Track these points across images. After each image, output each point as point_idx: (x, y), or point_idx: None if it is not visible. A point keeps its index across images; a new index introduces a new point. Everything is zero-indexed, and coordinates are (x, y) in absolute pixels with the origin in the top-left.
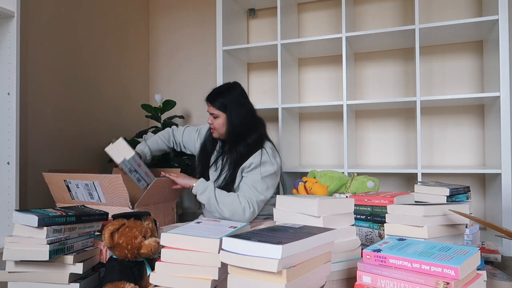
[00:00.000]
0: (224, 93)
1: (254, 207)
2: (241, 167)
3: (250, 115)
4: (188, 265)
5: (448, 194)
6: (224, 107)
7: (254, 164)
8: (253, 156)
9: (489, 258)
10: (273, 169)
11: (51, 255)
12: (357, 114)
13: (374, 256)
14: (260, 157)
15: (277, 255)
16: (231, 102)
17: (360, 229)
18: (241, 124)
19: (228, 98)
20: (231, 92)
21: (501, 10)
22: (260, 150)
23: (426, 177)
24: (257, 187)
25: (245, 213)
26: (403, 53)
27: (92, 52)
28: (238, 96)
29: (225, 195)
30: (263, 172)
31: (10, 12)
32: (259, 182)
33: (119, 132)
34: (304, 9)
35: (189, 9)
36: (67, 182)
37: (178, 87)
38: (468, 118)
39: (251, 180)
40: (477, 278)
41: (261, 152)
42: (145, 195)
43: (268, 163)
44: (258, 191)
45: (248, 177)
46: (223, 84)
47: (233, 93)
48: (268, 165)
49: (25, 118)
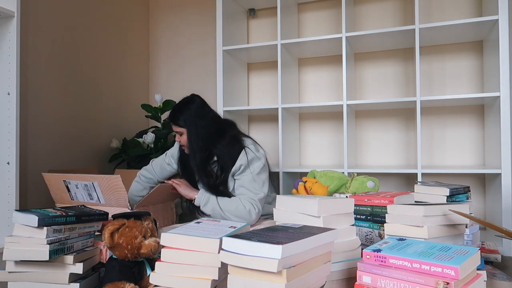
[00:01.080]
0: (182, 109)
1: (258, 207)
2: (231, 172)
3: (212, 124)
4: (188, 265)
5: (448, 194)
6: (183, 123)
7: (243, 165)
8: (239, 159)
9: (489, 258)
10: (261, 164)
11: (51, 255)
12: (357, 114)
13: (374, 256)
14: (246, 156)
15: (277, 255)
16: (189, 116)
17: (360, 229)
18: (206, 134)
19: (186, 113)
20: (189, 107)
21: (501, 10)
22: (243, 150)
23: (426, 177)
24: (254, 187)
25: (251, 215)
26: (403, 53)
27: (92, 52)
28: (196, 109)
29: (228, 202)
30: (254, 170)
31: (10, 12)
32: (254, 182)
33: (119, 132)
34: (304, 9)
35: (189, 9)
36: (67, 183)
37: (178, 87)
38: (468, 118)
39: (246, 182)
40: (477, 278)
41: (245, 151)
42: (145, 198)
43: (255, 160)
44: (256, 190)
45: (241, 179)
46: (181, 100)
47: (191, 107)
48: (255, 162)
49: (25, 118)
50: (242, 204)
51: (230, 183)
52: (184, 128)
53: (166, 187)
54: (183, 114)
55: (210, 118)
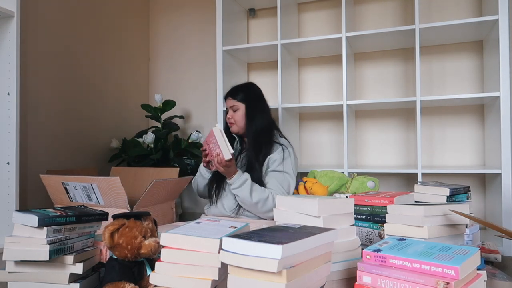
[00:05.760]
0: (243, 88)
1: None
2: (266, 160)
3: (267, 110)
4: (188, 265)
5: (448, 194)
6: (244, 99)
7: (277, 161)
8: (277, 152)
9: (489, 258)
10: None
11: (51, 255)
12: (357, 114)
13: (374, 256)
14: (283, 153)
15: (277, 255)
16: (250, 94)
17: (360, 229)
18: (260, 117)
19: (247, 91)
20: (250, 87)
21: (501, 10)
22: (280, 146)
23: (426, 177)
24: (284, 185)
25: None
26: (403, 53)
27: (92, 52)
28: (256, 91)
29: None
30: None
31: (10, 12)
32: (286, 180)
33: (119, 132)
34: (304, 9)
35: (189, 9)
36: (65, 184)
37: (178, 87)
38: (468, 118)
39: (279, 178)
40: (477, 278)
41: (282, 148)
42: (143, 197)
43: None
44: (285, 189)
45: (274, 174)
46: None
47: (251, 88)
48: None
49: (25, 118)
50: (272, 198)
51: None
52: (242, 103)
53: (163, 183)
54: (244, 92)
55: (267, 105)
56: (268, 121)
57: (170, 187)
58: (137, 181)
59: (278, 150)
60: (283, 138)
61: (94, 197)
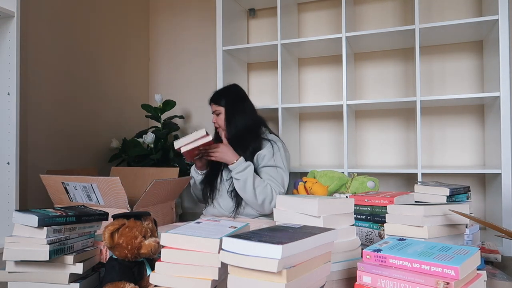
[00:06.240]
0: (223, 92)
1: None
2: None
3: (250, 109)
4: (188, 265)
5: (448, 194)
6: (224, 102)
7: (267, 156)
8: (266, 148)
9: (489, 258)
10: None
11: (51, 255)
12: (357, 114)
13: (374, 256)
14: (272, 148)
15: (277, 255)
16: (230, 96)
17: (360, 229)
18: (241, 118)
19: (226, 94)
20: (229, 90)
21: (501, 10)
22: (269, 142)
23: (426, 177)
24: (277, 179)
25: (271, 204)
26: (403, 53)
27: (92, 52)
28: (236, 92)
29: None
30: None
31: (10, 12)
32: (279, 174)
33: (119, 132)
34: (304, 9)
35: (189, 9)
36: (65, 184)
37: (178, 87)
38: (468, 118)
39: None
40: (477, 278)
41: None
42: (143, 197)
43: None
44: (279, 182)
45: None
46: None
47: (231, 90)
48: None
49: (25, 118)
50: (271, 188)
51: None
52: (222, 107)
53: (163, 184)
54: (223, 94)
55: (249, 104)
56: (253, 120)
57: (170, 187)
58: (137, 181)
59: (267, 146)
60: (272, 134)
61: (94, 197)
